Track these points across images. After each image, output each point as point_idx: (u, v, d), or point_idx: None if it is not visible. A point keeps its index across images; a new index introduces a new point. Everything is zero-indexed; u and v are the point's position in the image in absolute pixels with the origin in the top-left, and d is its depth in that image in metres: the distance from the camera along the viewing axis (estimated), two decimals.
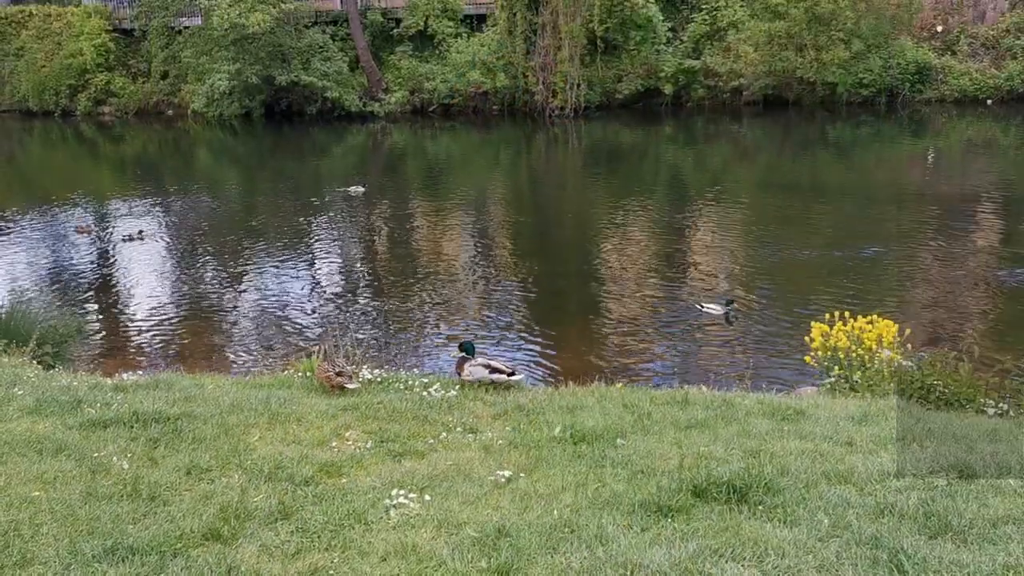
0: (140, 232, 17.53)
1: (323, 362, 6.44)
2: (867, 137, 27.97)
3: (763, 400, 6.39)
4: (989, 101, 30.23)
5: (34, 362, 7.63)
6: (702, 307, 12.05)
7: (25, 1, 40.54)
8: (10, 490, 4.32)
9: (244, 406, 5.88)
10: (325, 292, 14.15)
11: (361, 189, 21.38)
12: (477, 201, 21.37)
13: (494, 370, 6.52)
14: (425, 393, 6.35)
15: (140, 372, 7.16)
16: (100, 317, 13.02)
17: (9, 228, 18.95)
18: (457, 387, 6.47)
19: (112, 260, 16.46)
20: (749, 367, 9.69)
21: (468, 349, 6.77)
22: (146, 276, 15.36)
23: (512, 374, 6.57)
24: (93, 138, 35.45)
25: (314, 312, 13.00)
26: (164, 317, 12.93)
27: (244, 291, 14.23)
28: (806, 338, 8.05)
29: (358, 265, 16.27)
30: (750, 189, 21.50)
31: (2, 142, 36.17)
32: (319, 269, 15.76)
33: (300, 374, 6.92)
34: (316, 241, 17.55)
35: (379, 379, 6.72)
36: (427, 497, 4.32)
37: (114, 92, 37.10)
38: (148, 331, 12.41)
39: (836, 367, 7.54)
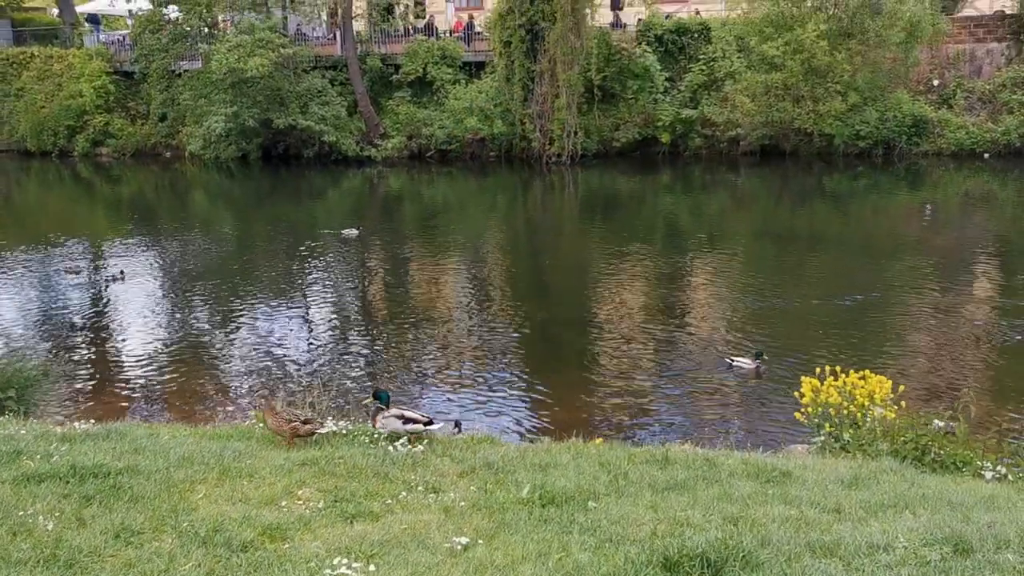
0: (122, 272, 17.28)
1: (280, 412, 6.08)
2: (864, 188, 27.87)
3: (748, 460, 6.04)
4: (986, 155, 30.18)
5: None
6: (731, 361, 11.58)
7: (27, 43, 40.85)
8: None
9: (195, 459, 5.53)
10: (311, 337, 13.83)
11: (355, 232, 21.18)
12: (472, 247, 21.15)
13: (407, 420, 6.16)
14: (391, 447, 6.00)
15: (92, 421, 6.80)
16: (75, 360, 12.68)
17: (1, 268, 18.69)
18: (425, 442, 6.12)
19: (96, 301, 16.16)
20: (737, 422, 9.34)
21: (382, 398, 6.43)
22: (129, 318, 15.06)
23: (429, 423, 6.20)
24: (90, 179, 35.40)
25: (297, 358, 12.67)
26: (142, 361, 12.59)
27: (228, 335, 13.92)
28: (796, 393, 7.72)
29: (347, 309, 15.97)
30: (746, 239, 21.29)
31: None
32: (307, 313, 15.45)
33: (262, 424, 6.57)
34: (306, 284, 17.27)
35: (344, 431, 6.37)
36: (372, 567, 3.95)
37: (112, 133, 37.12)
38: (124, 375, 12.07)
39: (827, 424, 7.20)
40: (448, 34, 37.01)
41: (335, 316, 15.35)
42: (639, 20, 33.69)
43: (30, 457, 5.40)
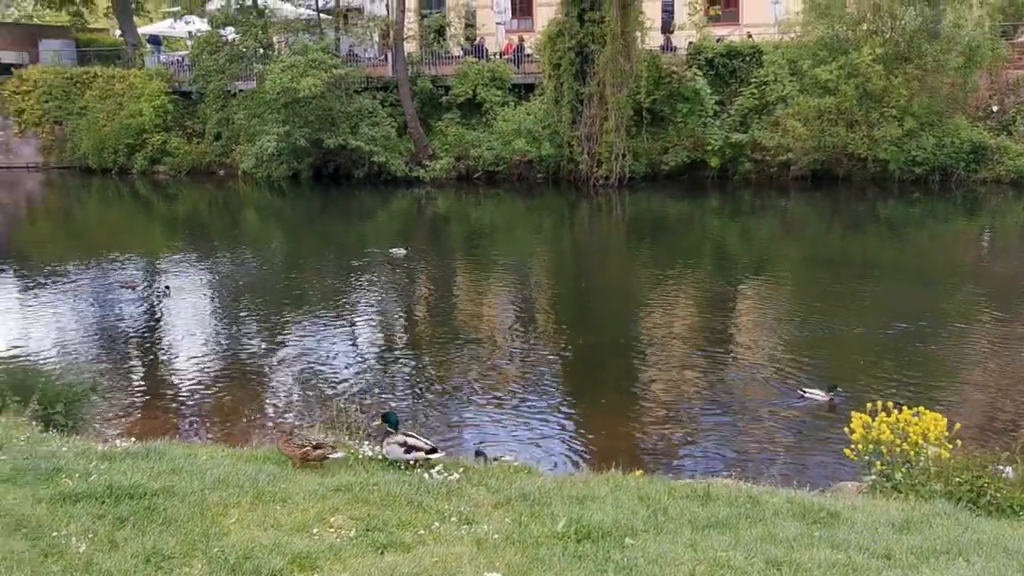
0: (167, 288, 17.60)
1: (292, 436, 6.06)
2: (920, 215, 27.24)
3: (793, 498, 5.84)
4: None
5: (33, 423, 7.37)
6: (803, 392, 11.28)
7: (91, 63, 42.08)
8: None
9: (230, 482, 5.52)
10: (355, 357, 13.85)
11: (402, 252, 21.29)
12: (518, 268, 21.09)
13: (410, 448, 6.09)
14: (427, 475, 5.93)
15: (133, 439, 6.84)
16: (123, 374, 12.88)
17: (58, 281, 19.12)
18: (461, 469, 6.04)
19: (146, 316, 16.43)
20: (784, 456, 9.09)
21: (391, 421, 6.37)
22: (177, 333, 15.27)
23: (433, 451, 6.13)
24: (147, 196, 36.24)
25: (340, 378, 12.67)
26: (187, 377, 12.73)
27: (273, 353, 14.01)
28: (846, 428, 7.48)
29: (392, 329, 16.01)
30: (797, 265, 20.92)
31: (61, 198, 37.23)
32: (352, 332, 15.51)
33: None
34: (352, 303, 17.37)
35: (380, 456, 6.31)
36: None
37: (169, 152, 37.98)
38: (169, 391, 12.20)
39: (878, 462, 6.94)
40: (498, 56, 37.23)
41: (380, 336, 15.39)
42: (690, 43, 33.51)
43: (69, 475, 5.44)
